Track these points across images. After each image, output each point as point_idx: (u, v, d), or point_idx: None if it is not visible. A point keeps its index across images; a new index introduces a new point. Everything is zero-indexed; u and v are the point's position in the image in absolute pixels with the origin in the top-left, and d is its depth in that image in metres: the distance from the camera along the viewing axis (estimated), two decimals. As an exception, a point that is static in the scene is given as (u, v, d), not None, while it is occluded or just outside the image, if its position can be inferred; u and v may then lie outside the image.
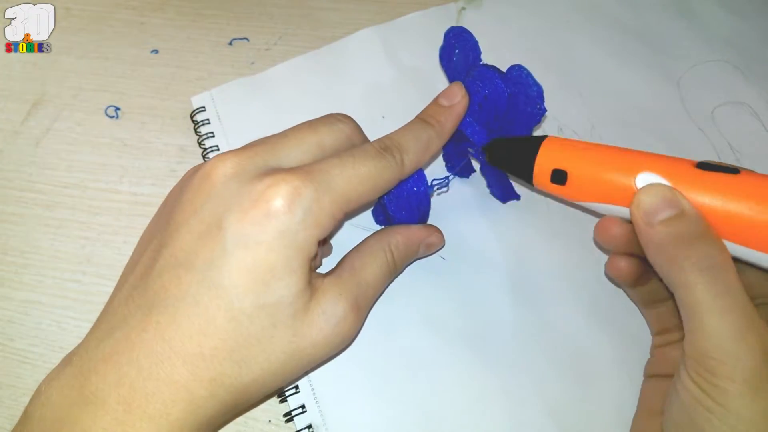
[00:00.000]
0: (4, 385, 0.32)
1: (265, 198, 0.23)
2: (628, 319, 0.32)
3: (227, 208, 0.23)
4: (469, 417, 0.29)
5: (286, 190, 0.23)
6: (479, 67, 0.30)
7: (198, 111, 0.40)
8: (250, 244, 0.22)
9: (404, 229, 0.30)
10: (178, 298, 0.22)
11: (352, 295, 0.26)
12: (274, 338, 0.23)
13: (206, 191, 0.24)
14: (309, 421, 0.29)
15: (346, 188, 0.24)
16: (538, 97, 0.28)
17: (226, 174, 0.24)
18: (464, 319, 0.32)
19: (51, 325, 0.33)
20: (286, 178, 0.23)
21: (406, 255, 0.30)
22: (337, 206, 0.24)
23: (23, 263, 0.35)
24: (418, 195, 0.29)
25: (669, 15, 0.43)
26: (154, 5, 0.46)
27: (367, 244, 0.28)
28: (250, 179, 0.23)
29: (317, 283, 0.25)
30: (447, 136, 0.29)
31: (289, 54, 0.42)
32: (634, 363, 0.30)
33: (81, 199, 0.38)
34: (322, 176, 0.24)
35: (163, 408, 0.22)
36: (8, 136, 0.40)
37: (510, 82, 0.29)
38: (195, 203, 0.24)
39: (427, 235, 0.31)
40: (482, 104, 0.29)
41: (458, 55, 0.31)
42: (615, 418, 0.29)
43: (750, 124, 0.38)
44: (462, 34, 0.30)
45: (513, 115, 0.30)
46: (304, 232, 0.23)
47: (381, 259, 0.28)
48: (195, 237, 0.23)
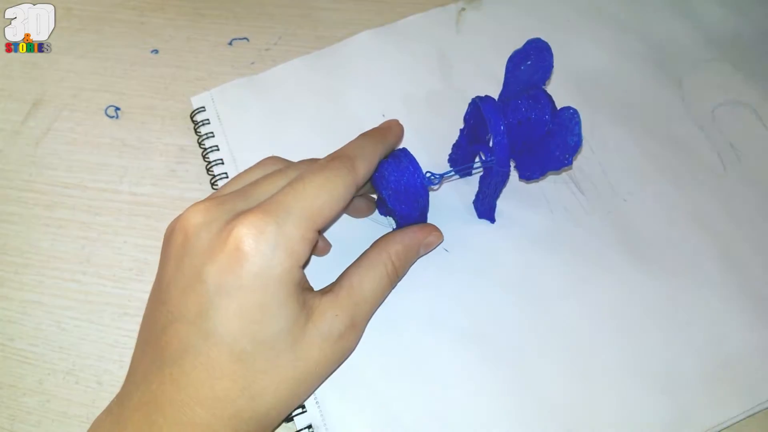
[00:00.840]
0: (4, 385, 0.32)
1: (232, 244, 0.23)
2: (631, 318, 0.32)
3: (203, 260, 0.24)
4: (471, 416, 0.29)
5: (249, 231, 0.23)
6: (539, 89, 0.29)
7: (198, 111, 0.40)
8: (231, 291, 0.23)
9: (402, 236, 0.30)
10: (182, 351, 0.24)
11: (349, 315, 0.27)
12: (279, 367, 0.24)
13: (182, 245, 0.25)
14: (309, 421, 0.29)
15: (305, 208, 0.25)
16: (573, 149, 0.28)
17: (197, 225, 0.25)
18: (465, 318, 0.32)
19: (51, 325, 0.33)
20: (245, 221, 0.24)
21: (406, 261, 0.30)
22: (303, 228, 0.24)
23: (23, 263, 0.35)
24: (416, 188, 0.29)
25: (669, 15, 0.43)
26: (154, 5, 0.46)
27: (367, 257, 0.29)
28: (219, 227, 0.24)
29: (314, 304, 0.26)
30: (389, 144, 0.30)
31: (289, 54, 0.42)
32: (636, 362, 0.30)
33: (81, 199, 0.38)
34: (278, 206, 0.24)
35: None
36: (8, 136, 0.40)
37: (556, 119, 0.28)
38: (176, 258, 0.25)
39: (425, 236, 0.31)
40: (522, 123, 0.29)
41: (528, 67, 0.30)
42: (617, 417, 0.29)
43: (750, 123, 0.38)
44: (544, 51, 0.30)
45: (540, 150, 0.29)
46: (280, 266, 0.24)
47: (380, 273, 0.29)
48: (181, 292, 0.24)
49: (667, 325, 0.31)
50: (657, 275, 0.33)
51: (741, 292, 0.32)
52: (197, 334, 0.24)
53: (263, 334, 0.24)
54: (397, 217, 0.31)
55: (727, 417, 0.29)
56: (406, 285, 0.32)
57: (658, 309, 0.32)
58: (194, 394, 0.23)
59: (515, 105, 0.29)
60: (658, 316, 0.32)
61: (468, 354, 0.31)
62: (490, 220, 0.34)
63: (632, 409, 0.29)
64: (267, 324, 0.24)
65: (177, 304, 0.24)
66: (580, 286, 0.33)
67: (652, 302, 0.32)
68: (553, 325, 0.32)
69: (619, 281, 0.33)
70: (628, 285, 0.33)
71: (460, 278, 0.33)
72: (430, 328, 0.31)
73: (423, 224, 0.32)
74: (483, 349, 0.31)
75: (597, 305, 0.32)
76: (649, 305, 0.32)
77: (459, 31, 0.42)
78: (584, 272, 0.33)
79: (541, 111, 0.29)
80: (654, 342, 0.31)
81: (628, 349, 0.31)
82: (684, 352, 0.31)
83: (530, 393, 0.30)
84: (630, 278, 0.33)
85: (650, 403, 0.29)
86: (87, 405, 0.31)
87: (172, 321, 0.24)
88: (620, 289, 0.33)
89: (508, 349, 0.31)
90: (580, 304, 0.32)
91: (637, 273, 0.33)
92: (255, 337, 0.24)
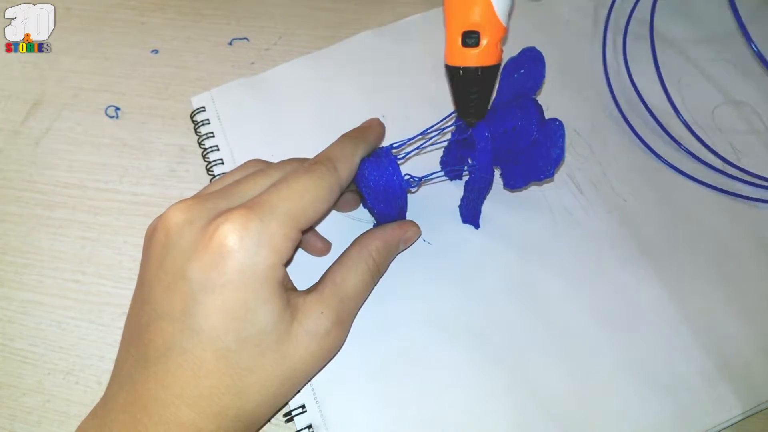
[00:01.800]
0: (4, 385, 0.32)
1: (216, 241, 0.23)
2: (630, 319, 0.32)
3: (186, 257, 0.24)
4: (470, 416, 0.29)
5: (233, 228, 0.23)
6: (529, 98, 0.30)
7: (198, 111, 0.40)
8: (215, 287, 0.23)
9: (381, 233, 0.31)
10: (167, 348, 0.24)
11: (334, 312, 0.27)
12: (265, 365, 0.24)
13: (164, 243, 0.25)
14: (309, 421, 0.29)
15: (289, 208, 0.25)
16: (554, 161, 0.28)
17: (179, 223, 0.25)
18: (465, 318, 0.32)
19: (51, 325, 0.33)
20: (230, 217, 0.24)
21: (387, 256, 0.31)
22: (287, 227, 0.25)
23: (23, 263, 0.35)
24: (394, 188, 0.29)
25: (669, 14, 0.43)
26: (154, 5, 0.46)
27: (348, 255, 0.29)
28: (202, 225, 0.24)
29: (298, 303, 0.26)
30: (370, 143, 0.31)
31: (289, 54, 0.42)
32: (635, 363, 0.30)
33: (81, 199, 0.38)
34: (263, 205, 0.25)
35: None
36: (8, 136, 0.40)
37: (543, 130, 0.29)
38: (158, 257, 0.25)
39: (403, 232, 0.32)
40: (507, 131, 0.29)
41: (521, 75, 0.30)
42: (616, 417, 0.29)
43: (750, 123, 0.38)
44: (537, 61, 0.30)
45: (524, 159, 0.30)
46: (263, 263, 0.24)
47: (363, 269, 0.29)
48: (165, 290, 0.24)
49: (667, 325, 0.31)
50: (657, 275, 0.33)
51: (741, 292, 0.32)
52: (181, 331, 0.24)
53: (247, 331, 0.24)
54: (375, 214, 0.31)
55: (727, 417, 0.29)
56: (405, 286, 0.32)
57: (658, 309, 0.32)
58: (179, 393, 0.23)
59: (503, 113, 0.29)
60: (658, 316, 0.32)
61: (468, 354, 0.31)
62: (475, 226, 0.34)
63: (632, 410, 0.29)
64: (251, 321, 0.24)
65: (160, 302, 0.24)
66: (579, 286, 0.33)
67: (652, 302, 0.32)
68: (553, 325, 0.32)
69: (619, 281, 0.33)
70: (628, 285, 0.33)
71: (459, 279, 0.33)
72: (430, 328, 0.31)
73: (401, 221, 0.32)
74: (483, 350, 0.31)
75: (596, 305, 0.32)
76: (649, 305, 0.32)
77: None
78: (584, 272, 0.33)
79: (528, 120, 0.29)
80: (654, 342, 0.31)
81: (627, 350, 0.31)
82: (684, 352, 0.31)
83: (530, 393, 0.30)
84: (630, 278, 0.33)
85: (650, 404, 0.29)
86: (87, 405, 0.31)
87: (155, 319, 0.24)
88: (620, 289, 0.32)
89: (508, 350, 0.31)
90: (579, 304, 0.32)
91: (637, 273, 0.33)
92: (239, 335, 0.24)
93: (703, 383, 0.30)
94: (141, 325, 0.25)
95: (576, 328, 0.31)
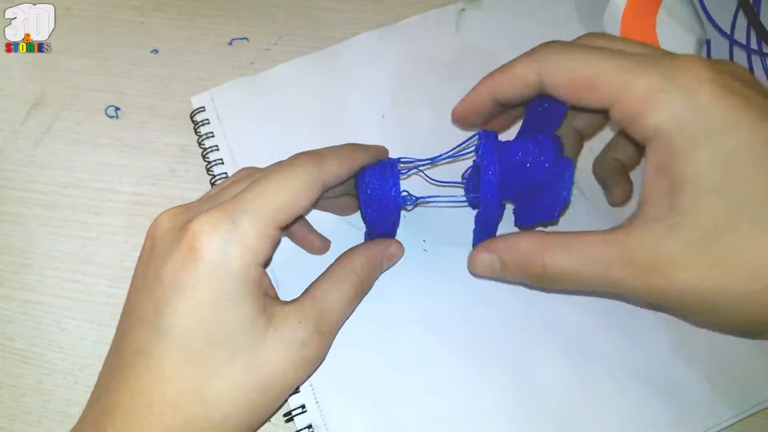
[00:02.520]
0: (4, 385, 0.32)
1: (189, 242, 0.23)
2: (630, 320, 0.32)
3: (163, 261, 0.24)
4: (470, 416, 0.29)
5: (203, 228, 0.23)
6: (547, 135, 0.28)
7: (198, 111, 0.40)
8: (187, 288, 0.23)
9: (364, 249, 0.30)
10: (138, 353, 0.23)
11: (313, 322, 0.26)
12: (234, 370, 0.24)
13: (149, 251, 0.25)
14: (309, 421, 0.29)
15: (263, 205, 0.24)
16: (561, 203, 0.27)
17: (163, 229, 0.25)
18: (465, 319, 0.32)
19: (51, 325, 0.33)
20: (200, 219, 0.24)
21: (371, 272, 0.30)
22: (261, 225, 0.24)
23: (23, 263, 0.35)
24: (389, 201, 0.29)
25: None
26: (154, 5, 0.46)
27: (331, 270, 0.29)
28: (181, 229, 0.24)
29: (276, 310, 0.25)
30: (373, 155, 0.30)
31: (289, 54, 0.42)
32: (636, 364, 0.30)
33: (81, 199, 0.38)
34: (236, 205, 0.24)
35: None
36: (8, 136, 0.40)
37: (555, 168, 0.27)
38: (144, 264, 0.26)
39: (386, 248, 0.31)
40: (518, 166, 0.28)
41: (545, 109, 0.29)
42: (616, 417, 0.29)
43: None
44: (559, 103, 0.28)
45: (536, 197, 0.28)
46: (235, 262, 0.23)
47: (345, 285, 0.28)
48: (143, 295, 0.24)
49: (667, 326, 0.31)
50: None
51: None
52: (151, 334, 0.23)
53: (217, 333, 0.23)
54: (367, 222, 0.31)
55: (727, 417, 0.29)
56: (405, 287, 0.32)
57: (658, 309, 0.32)
58: (145, 400, 0.23)
59: (515, 146, 0.28)
60: (658, 317, 0.32)
61: (467, 355, 0.31)
62: None
63: (632, 410, 0.29)
64: (221, 323, 0.23)
65: (139, 307, 0.24)
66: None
67: (652, 302, 0.32)
68: (552, 325, 0.32)
69: (619, 281, 0.33)
70: (628, 285, 0.33)
71: (458, 279, 0.33)
72: (430, 329, 0.32)
73: (383, 238, 0.32)
74: (482, 351, 0.31)
75: (596, 305, 0.32)
76: (649, 305, 0.32)
77: (459, 31, 0.42)
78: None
79: (541, 160, 0.28)
80: (653, 342, 0.31)
81: (627, 350, 0.31)
82: (684, 353, 0.31)
83: (530, 395, 0.30)
84: (630, 278, 0.33)
85: (650, 404, 0.29)
86: (87, 405, 0.31)
87: (133, 324, 0.24)
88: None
89: (507, 351, 0.31)
90: (579, 304, 0.32)
91: (637, 273, 0.33)
92: (209, 337, 0.23)
93: (702, 383, 0.30)
94: (120, 332, 0.25)
95: (575, 328, 0.31)
